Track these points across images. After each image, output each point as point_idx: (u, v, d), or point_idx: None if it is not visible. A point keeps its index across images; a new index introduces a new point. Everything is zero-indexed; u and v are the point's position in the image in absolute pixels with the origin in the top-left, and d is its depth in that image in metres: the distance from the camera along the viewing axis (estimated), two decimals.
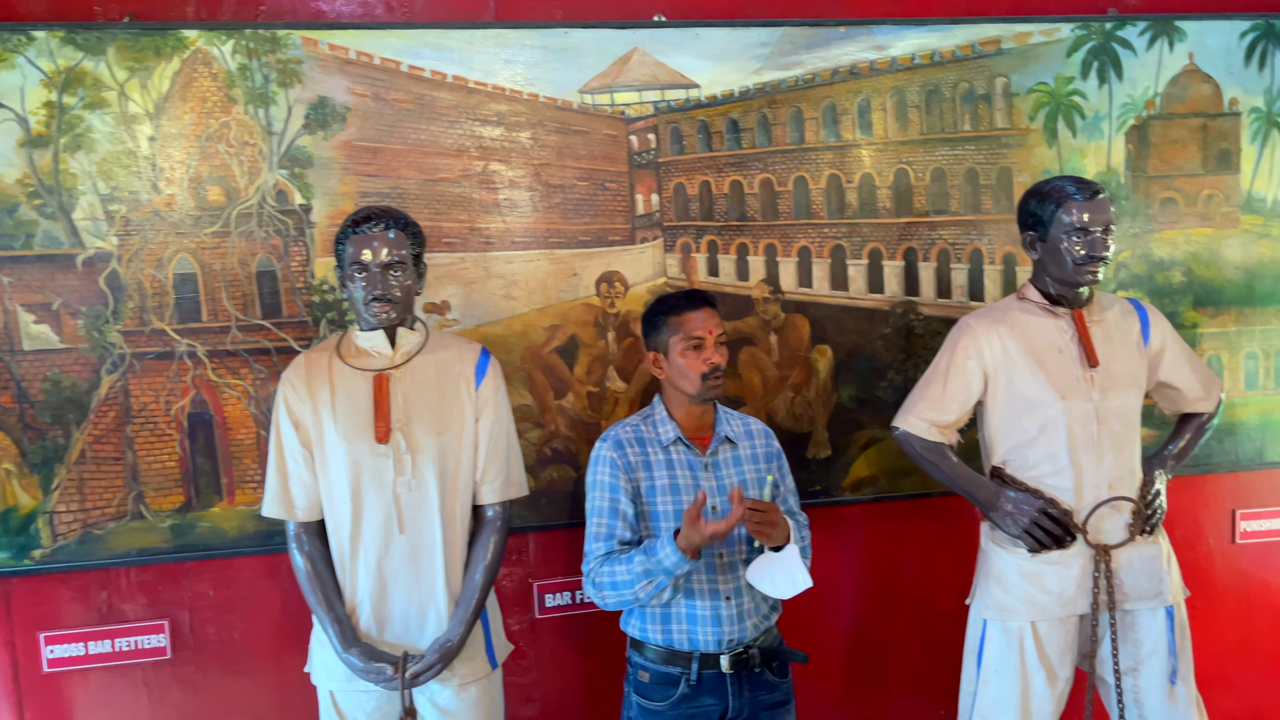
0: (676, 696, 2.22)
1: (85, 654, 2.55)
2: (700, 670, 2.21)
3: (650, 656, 2.25)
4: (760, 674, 2.26)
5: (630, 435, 2.28)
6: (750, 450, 2.32)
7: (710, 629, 2.20)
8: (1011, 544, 2.45)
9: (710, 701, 2.23)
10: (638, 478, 2.24)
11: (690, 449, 2.26)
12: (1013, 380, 2.41)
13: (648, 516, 2.24)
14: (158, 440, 2.52)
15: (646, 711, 2.26)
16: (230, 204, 2.51)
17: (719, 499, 2.24)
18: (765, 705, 2.27)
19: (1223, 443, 3.03)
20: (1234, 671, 3.12)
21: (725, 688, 2.23)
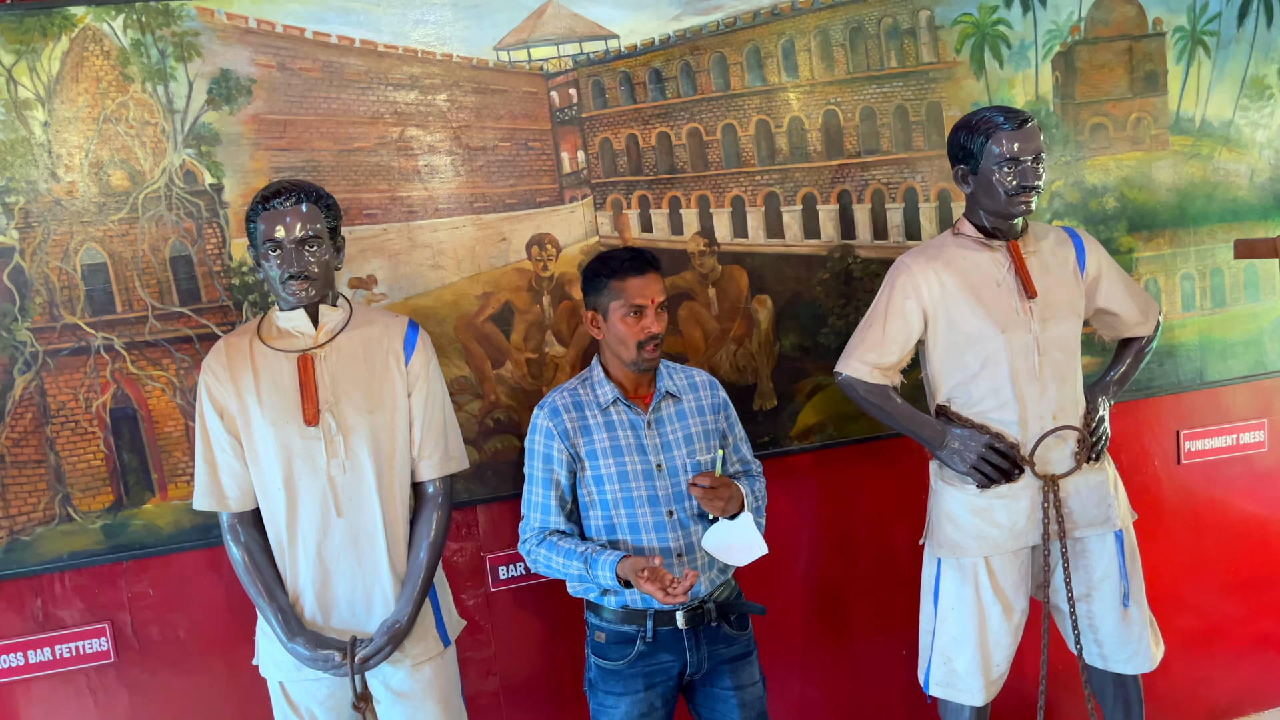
0: (633, 654, 2.21)
1: (25, 664, 2.46)
2: (655, 627, 2.19)
3: (607, 617, 2.24)
4: (718, 628, 2.25)
5: (568, 400, 2.24)
6: (695, 403, 2.28)
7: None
8: (960, 481, 2.44)
9: (668, 658, 2.22)
10: (575, 444, 2.21)
11: (631, 408, 2.22)
12: (952, 317, 2.39)
13: (590, 481, 2.21)
14: (80, 439, 2.42)
15: (605, 672, 2.25)
16: (136, 188, 2.40)
17: (663, 456, 2.21)
18: (725, 659, 2.26)
19: (1163, 365, 3.04)
20: (1186, 589, 3.17)
21: (682, 644, 2.22)
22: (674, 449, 2.21)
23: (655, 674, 2.22)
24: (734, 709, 2.27)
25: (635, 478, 2.19)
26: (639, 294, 2.15)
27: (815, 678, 2.97)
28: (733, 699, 2.27)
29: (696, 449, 2.23)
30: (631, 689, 2.21)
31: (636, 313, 2.16)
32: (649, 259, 2.20)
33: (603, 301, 2.19)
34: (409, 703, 2.17)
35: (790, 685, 2.89)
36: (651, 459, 2.19)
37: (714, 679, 2.27)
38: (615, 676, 2.23)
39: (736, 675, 2.27)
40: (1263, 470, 3.19)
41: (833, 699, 2.99)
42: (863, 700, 3.02)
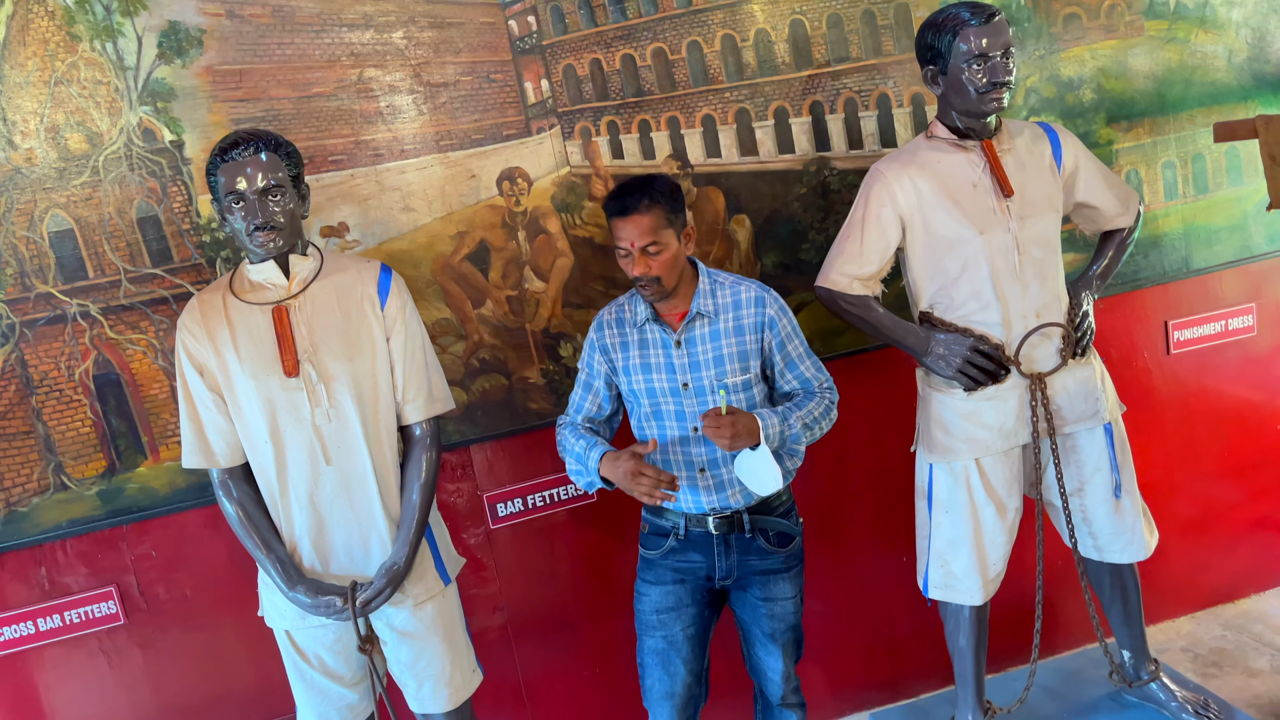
0: (666, 549, 2.31)
1: (36, 632, 2.50)
2: (688, 527, 2.28)
3: (650, 510, 2.35)
4: (752, 540, 2.27)
5: (613, 316, 2.31)
6: (732, 323, 2.21)
7: (690, 496, 2.25)
8: (947, 386, 2.44)
9: (697, 558, 2.28)
10: (614, 358, 2.29)
11: (663, 328, 2.22)
12: (929, 222, 2.36)
13: (628, 394, 2.30)
14: (66, 408, 2.43)
15: (644, 560, 2.37)
16: (95, 150, 2.36)
17: (690, 376, 2.21)
18: (756, 570, 2.30)
19: (1148, 256, 3.02)
20: (1181, 478, 3.20)
21: (712, 547, 2.27)
22: (702, 369, 2.20)
23: (684, 570, 2.30)
24: (762, 619, 2.32)
25: (663, 395, 2.22)
26: (622, 238, 2.15)
27: (818, 591, 3.00)
28: (762, 609, 2.31)
29: (726, 370, 2.21)
30: (661, 579, 2.31)
31: (624, 255, 2.15)
32: (641, 192, 2.13)
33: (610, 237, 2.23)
34: (414, 641, 2.21)
35: None
36: (679, 378, 2.21)
37: (746, 586, 2.32)
38: (650, 565, 2.34)
39: (767, 588, 2.31)
40: (1252, 354, 3.19)
41: (836, 609, 3.03)
42: (866, 609, 3.06)
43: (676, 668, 2.32)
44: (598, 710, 2.90)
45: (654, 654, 2.32)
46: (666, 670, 2.32)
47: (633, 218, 2.12)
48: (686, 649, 2.32)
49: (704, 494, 2.23)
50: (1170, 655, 3.10)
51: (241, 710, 2.65)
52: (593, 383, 2.33)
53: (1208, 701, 2.68)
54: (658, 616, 2.31)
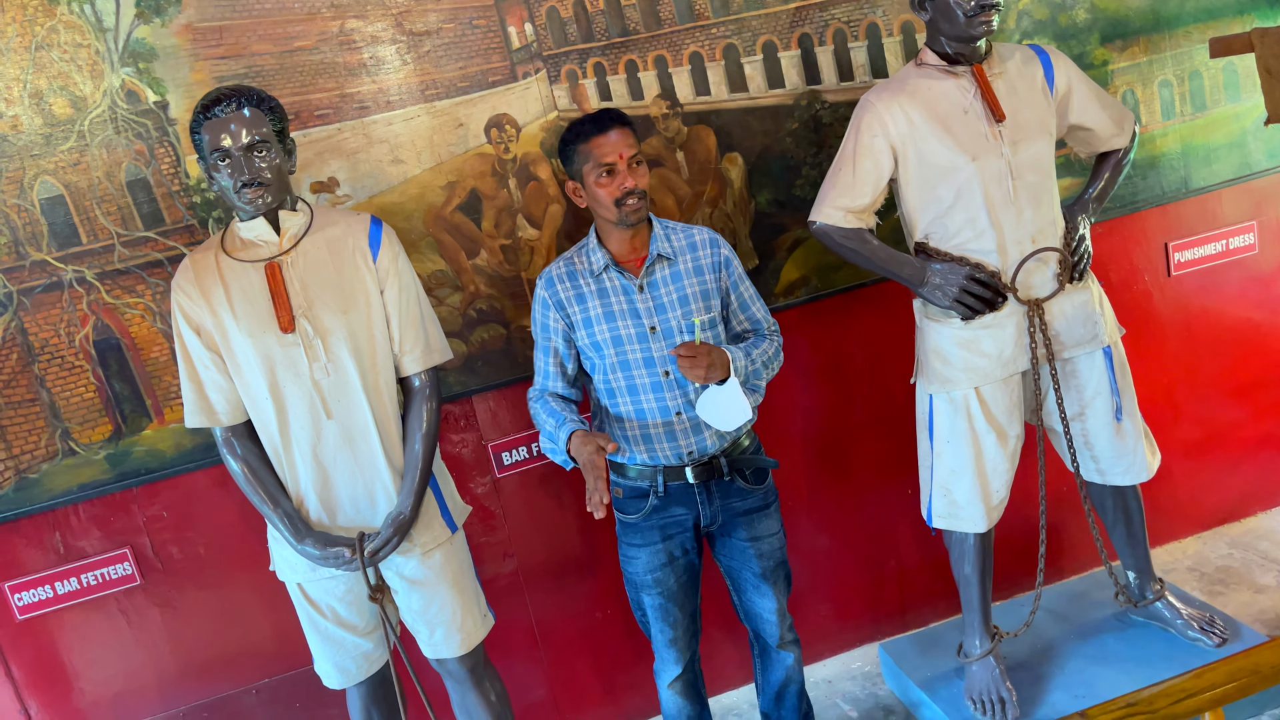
0: (648, 508, 2.29)
1: (54, 595, 2.54)
2: (666, 482, 2.25)
3: (622, 474, 2.32)
4: (731, 482, 2.29)
5: (562, 270, 2.27)
6: (692, 264, 2.25)
7: (667, 444, 2.23)
8: (944, 316, 2.44)
9: (681, 511, 2.28)
10: (571, 313, 2.24)
11: (622, 273, 2.21)
12: (921, 150, 2.34)
13: (588, 347, 2.25)
14: (69, 374, 2.44)
15: (625, 525, 2.34)
16: (80, 114, 2.35)
17: (656, 319, 2.21)
18: (739, 512, 2.32)
19: (1146, 178, 2.99)
20: (1185, 399, 3.20)
21: (694, 498, 2.27)
22: (668, 311, 2.21)
23: (670, 526, 2.29)
24: (751, 559, 2.34)
25: (630, 341, 2.20)
26: (607, 152, 2.13)
27: (824, 526, 3.04)
28: (749, 549, 2.33)
29: (693, 309, 2.22)
30: (650, 540, 2.30)
31: (609, 171, 2.14)
32: (613, 115, 2.17)
33: (577, 168, 2.19)
34: (423, 589, 2.24)
35: (801, 536, 2.95)
36: (645, 322, 2.20)
37: (731, 530, 2.33)
38: (634, 529, 2.32)
39: (752, 527, 2.33)
40: (1254, 273, 3.17)
41: (843, 544, 3.06)
42: (872, 542, 3.09)
43: (676, 616, 2.36)
44: (610, 650, 2.95)
45: (654, 609, 2.35)
46: (667, 621, 2.35)
47: (616, 131, 2.15)
48: (682, 595, 2.36)
49: (681, 439, 2.23)
50: (1176, 575, 3.12)
51: (260, 664, 2.70)
52: (551, 343, 2.28)
53: (1213, 618, 2.70)
54: (651, 576, 2.32)
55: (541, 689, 2.92)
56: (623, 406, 2.24)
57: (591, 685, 2.97)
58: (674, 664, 2.41)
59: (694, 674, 2.48)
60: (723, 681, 3.04)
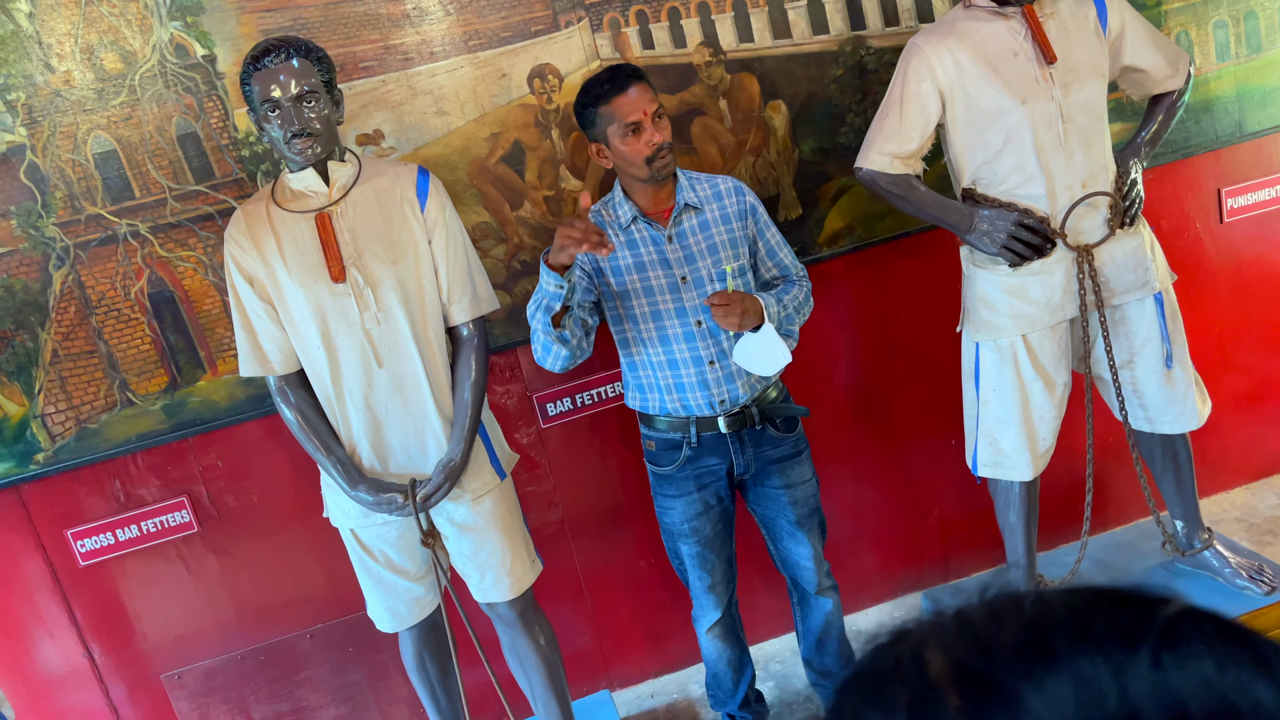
0: (681, 459, 2.31)
1: (115, 542, 2.61)
2: (699, 433, 2.26)
3: (656, 426, 2.33)
4: (763, 431, 2.30)
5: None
6: (719, 212, 2.26)
7: (700, 394, 2.23)
8: (992, 263, 2.42)
9: (714, 461, 2.30)
10: (602, 261, 2.23)
11: (650, 224, 2.22)
12: (970, 94, 2.31)
13: (618, 297, 2.24)
14: (125, 326, 2.49)
15: (659, 477, 2.36)
16: (130, 69, 2.38)
17: (687, 269, 2.22)
18: (773, 460, 2.34)
19: (1200, 122, 2.93)
20: (1235, 349, 3.15)
21: (727, 447, 2.29)
22: (698, 259, 2.21)
23: (704, 475, 2.31)
24: (785, 506, 2.35)
25: (660, 291, 2.21)
26: (630, 110, 2.12)
27: (866, 477, 3.04)
28: (783, 496, 2.35)
29: (722, 258, 2.23)
30: (685, 491, 2.32)
31: (634, 130, 2.13)
32: (629, 72, 2.16)
33: (599, 131, 2.18)
34: (474, 534, 2.28)
35: (842, 486, 2.96)
36: (676, 272, 2.21)
37: (764, 479, 2.34)
38: (669, 481, 2.33)
39: (785, 475, 2.35)
40: None
41: (884, 495, 3.06)
42: (914, 493, 3.09)
43: (713, 563, 2.39)
44: (653, 598, 2.98)
45: (691, 558, 2.38)
46: (705, 568, 2.38)
47: (635, 87, 2.14)
48: (718, 543, 2.39)
49: (714, 388, 2.24)
50: (1224, 525, 3.10)
51: (314, 608, 2.77)
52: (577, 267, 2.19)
53: (1262, 566, 2.69)
54: (688, 525, 2.35)
55: (587, 636, 2.97)
56: (654, 357, 2.25)
57: (635, 632, 3.02)
58: (712, 609, 2.44)
59: (732, 619, 2.52)
60: (764, 630, 3.07)
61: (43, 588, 2.62)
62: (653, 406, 2.30)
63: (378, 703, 2.89)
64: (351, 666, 2.84)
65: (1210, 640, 0.44)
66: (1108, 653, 0.43)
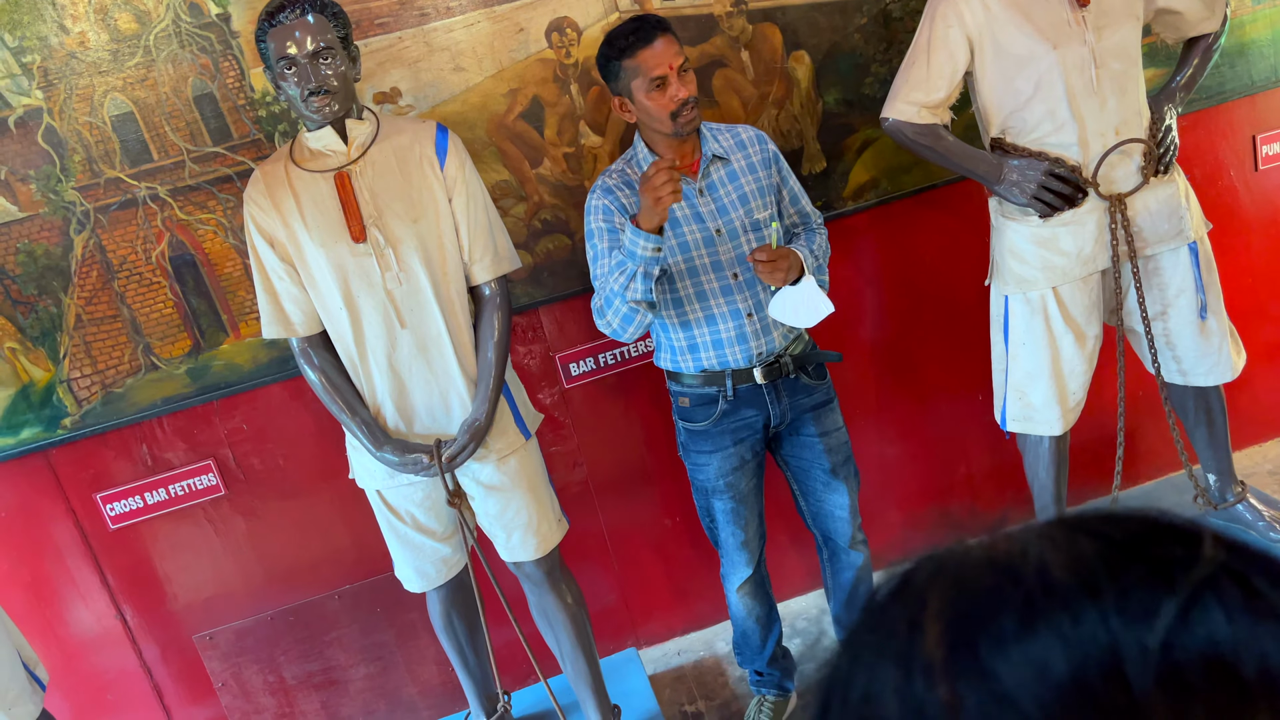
0: (717, 414, 2.28)
1: (144, 505, 2.63)
2: (735, 385, 2.25)
3: (687, 382, 2.31)
4: (797, 379, 2.29)
5: (617, 180, 2.23)
6: (745, 161, 2.24)
7: (738, 347, 2.22)
8: (1022, 214, 2.37)
9: (751, 413, 2.28)
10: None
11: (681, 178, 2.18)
12: (999, 39, 2.25)
13: None
14: (148, 290, 2.49)
15: (693, 433, 2.33)
16: (145, 29, 2.35)
17: (720, 221, 2.20)
18: (807, 408, 2.33)
19: (1234, 67, 2.85)
20: (1270, 301, 3.09)
21: (763, 398, 2.28)
22: (730, 211, 2.18)
23: (741, 429, 2.29)
24: (821, 454, 2.34)
25: (696, 246, 2.18)
26: (655, 65, 2.08)
27: (892, 434, 3.02)
28: (819, 444, 2.34)
29: (753, 207, 2.21)
30: (720, 446, 2.30)
31: (659, 85, 2.09)
32: (655, 23, 2.11)
33: (623, 84, 2.14)
34: (500, 494, 2.28)
35: (868, 443, 2.94)
36: (710, 225, 2.18)
37: (799, 427, 2.34)
38: (703, 436, 2.31)
39: (820, 422, 2.34)
40: None
41: (912, 452, 3.04)
42: (942, 449, 3.06)
43: (746, 518, 2.38)
44: (679, 557, 2.98)
45: (725, 514, 2.37)
46: (739, 524, 2.37)
47: (661, 40, 2.09)
48: (753, 498, 2.38)
49: (752, 340, 2.22)
50: (1257, 479, 3.06)
51: (342, 569, 2.78)
52: (611, 235, 2.17)
53: None
54: (724, 480, 2.33)
55: (613, 594, 2.98)
56: (692, 314, 2.22)
57: (661, 590, 3.02)
58: (745, 566, 2.43)
59: (762, 576, 2.51)
60: (790, 588, 3.06)
61: (74, 551, 2.65)
62: (686, 365, 2.27)
63: (406, 662, 2.91)
64: (380, 626, 2.86)
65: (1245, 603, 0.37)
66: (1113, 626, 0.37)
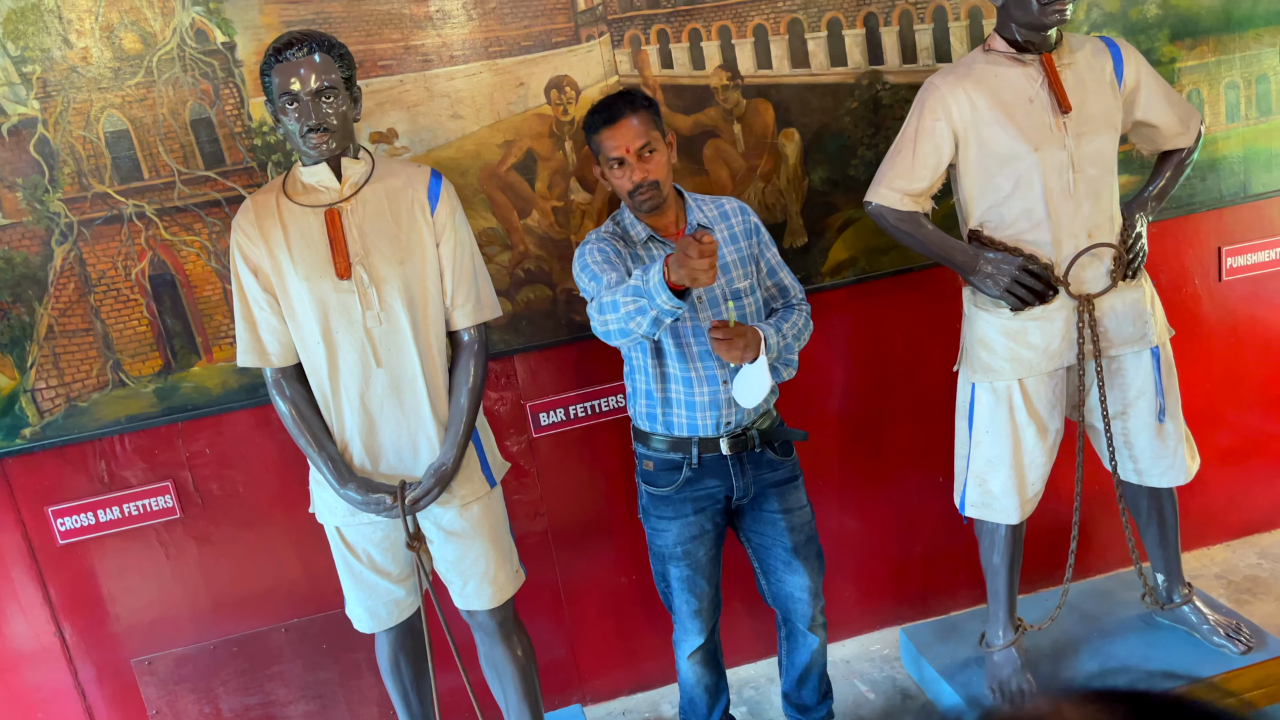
0: (680, 480, 2.29)
1: (96, 522, 2.59)
2: (700, 454, 2.26)
3: (654, 445, 2.31)
4: (762, 454, 2.31)
5: (612, 232, 2.27)
6: (728, 232, 2.29)
7: (709, 413, 2.24)
8: (994, 305, 2.43)
9: (714, 483, 2.29)
10: (630, 265, 2.21)
11: (665, 244, 2.23)
12: (983, 137, 2.32)
13: None
14: (124, 306, 2.48)
15: (655, 498, 2.34)
16: (149, 50, 2.37)
17: (702, 292, 2.22)
18: (771, 484, 2.34)
19: (1205, 180, 2.96)
20: (1226, 406, 3.17)
21: (727, 469, 2.28)
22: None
23: (702, 499, 2.30)
24: (783, 532, 2.35)
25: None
26: (614, 146, 2.15)
27: (853, 507, 3.05)
28: (781, 522, 2.35)
29: (734, 276, 2.25)
30: (681, 513, 2.31)
31: (619, 164, 2.15)
32: (627, 101, 2.16)
33: (596, 157, 2.23)
34: (460, 540, 2.27)
35: (828, 516, 2.96)
36: (693, 291, 2.21)
37: (761, 503, 2.35)
38: (665, 502, 2.32)
39: (784, 499, 2.35)
40: None
41: (870, 527, 3.07)
42: (900, 527, 3.09)
43: (702, 588, 2.38)
44: (631, 615, 2.98)
45: (680, 581, 2.37)
46: (693, 593, 2.37)
47: (622, 123, 2.15)
48: (709, 568, 2.38)
49: (724, 408, 2.24)
50: (1204, 581, 3.11)
51: (291, 603, 2.75)
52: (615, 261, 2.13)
53: (1239, 625, 2.70)
54: (681, 549, 2.34)
55: (562, 648, 2.96)
56: (672, 370, 2.25)
57: (611, 648, 3.01)
58: (696, 635, 2.43)
59: (714, 645, 2.51)
60: (740, 654, 3.06)
61: (19, 563, 2.60)
62: (660, 423, 2.28)
63: (348, 702, 2.87)
64: (324, 663, 2.82)
65: None
66: None
